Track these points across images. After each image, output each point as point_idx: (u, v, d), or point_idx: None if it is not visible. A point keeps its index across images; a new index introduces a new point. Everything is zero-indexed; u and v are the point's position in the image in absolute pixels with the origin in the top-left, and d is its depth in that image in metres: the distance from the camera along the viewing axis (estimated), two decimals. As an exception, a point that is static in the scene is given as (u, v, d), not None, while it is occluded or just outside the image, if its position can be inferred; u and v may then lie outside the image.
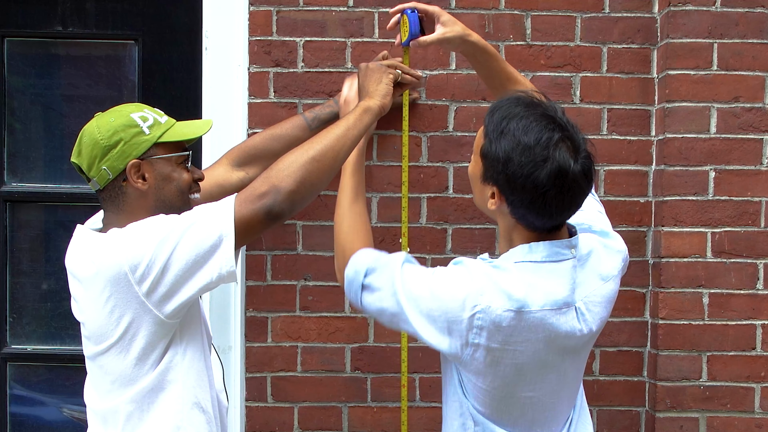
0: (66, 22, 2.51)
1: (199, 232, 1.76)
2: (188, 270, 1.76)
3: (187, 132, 1.90)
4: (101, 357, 1.83)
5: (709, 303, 2.33)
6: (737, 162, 2.33)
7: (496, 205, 1.68)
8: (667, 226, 2.33)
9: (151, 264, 1.74)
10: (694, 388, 2.33)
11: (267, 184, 1.79)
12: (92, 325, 1.83)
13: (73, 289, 1.88)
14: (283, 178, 1.80)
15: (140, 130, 1.83)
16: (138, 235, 1.76)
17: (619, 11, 2.40)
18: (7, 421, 2.61)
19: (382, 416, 2.42)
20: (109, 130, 1.82)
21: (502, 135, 1.63)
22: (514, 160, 1.60)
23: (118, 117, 1.84)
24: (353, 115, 1.97)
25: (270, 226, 1.83)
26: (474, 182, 1.75)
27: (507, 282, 1.64)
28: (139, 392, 1.82)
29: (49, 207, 2.61)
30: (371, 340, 2.42)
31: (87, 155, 1.83)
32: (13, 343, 2.60)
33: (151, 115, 1.87)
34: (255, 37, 2.40)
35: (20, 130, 2.58)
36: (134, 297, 1.76)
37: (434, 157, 2.41)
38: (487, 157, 1.65)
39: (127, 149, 1.82)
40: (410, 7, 2.12)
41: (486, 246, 2.41)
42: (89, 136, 1.84)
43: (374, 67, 2.13)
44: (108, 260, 1.76)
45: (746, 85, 2.32)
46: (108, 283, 1.76)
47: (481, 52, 2.11)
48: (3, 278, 2.58)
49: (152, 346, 1.81)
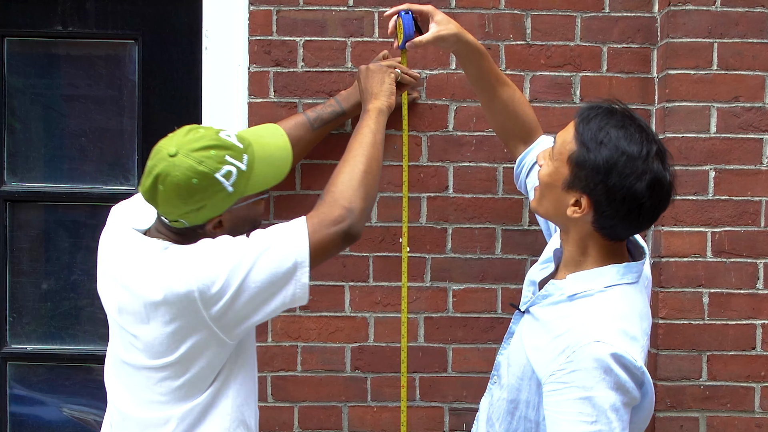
0: (66, 22, 2.51)
1: (273, 258, 1.72)
2: (261, 296, 1.73)
3: (270, 177, 1.82)
4: (153, 371, 1.78)
5: (709, 303, 2.33)
6: (737, 162, 2.33)
7: (580, 213, 1.66)
8: (667, 226, 2.32)
9: (223, 290, 1.69)
10: (694, 388, 2.33)
11: (338, 208, 1.78)
12: (148, 339, 1.77)
13: (118, 294, 1.81)
14: (351, 199, 1.79)
15: (225, 191, 1.73)
16: (209, 259, 1.71)
17: (619, 11, 2.40)
18: (7, 421, 2.61)
19: (382, 416, 2.42)
20: (190, 193, 1.71)
21: (603, 144, 1.62)
22: (617, 170, 1.61)
23: (201, 178, 1.70)
24: (371, 120, 1.98)
25: (346, 247, 1.84)
26: (549, 188, 1.72)
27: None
28: (191, 409, 1.79)
29: (49, 207, 2.61)
30: (371, 340, 2.42)
31: (164, 205, 1.74)
32: (13, 343, 2.60)
33: (234, 163, 1.74)
34: (255, 36, 2.40)
35: (20, 130, 2.58)
36: (201, 321, 1.72)
37: (434, 156, 2.41)
38: (582, 165, 1.64)
39: (209, 212, 1.75)
40: (404, 9, 2.12)
41: (486, 246, 2.41)
42: (170, 188, 1.71)
43: (375, 68, 2.13)
44: (176, 283, 1.70)
45: (746, 84, 2.32)
46: (174, 306, 1.71)
47: (473, 51, 2.10)
48: (3, 278, 2.58)
49: (212, 366, 1.78)
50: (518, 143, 2.18)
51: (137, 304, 1.76)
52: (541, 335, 1.72)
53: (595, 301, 1.69)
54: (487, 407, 1.89)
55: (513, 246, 2.41)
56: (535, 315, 1.77)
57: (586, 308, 1.69)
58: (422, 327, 2.42)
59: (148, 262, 1.76)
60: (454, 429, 2.43)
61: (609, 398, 1.59)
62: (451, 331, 2.42)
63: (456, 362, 2.42)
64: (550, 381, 1.65)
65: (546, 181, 1.73)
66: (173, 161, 1.70)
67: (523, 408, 1.76)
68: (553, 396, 1.64)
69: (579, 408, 1.59)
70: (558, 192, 1.69)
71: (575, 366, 1.61)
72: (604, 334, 1.62)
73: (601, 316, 1.66)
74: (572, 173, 1.66)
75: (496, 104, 2.15)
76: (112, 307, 1.84)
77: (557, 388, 1.63)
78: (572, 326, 1.66)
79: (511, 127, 2.17)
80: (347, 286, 2.42)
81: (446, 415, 2.43)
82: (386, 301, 2.41)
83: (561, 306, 1.73)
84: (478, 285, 2.42)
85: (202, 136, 1.74)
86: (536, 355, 1.71)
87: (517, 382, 1.76)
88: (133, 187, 2.54)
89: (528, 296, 1.87)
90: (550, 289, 1.77)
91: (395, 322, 2.40)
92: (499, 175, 2.41)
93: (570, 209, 1.68)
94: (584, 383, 1.59)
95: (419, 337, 2.42)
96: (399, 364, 2.37)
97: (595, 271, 1.71)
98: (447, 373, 2.43)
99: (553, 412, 1.64)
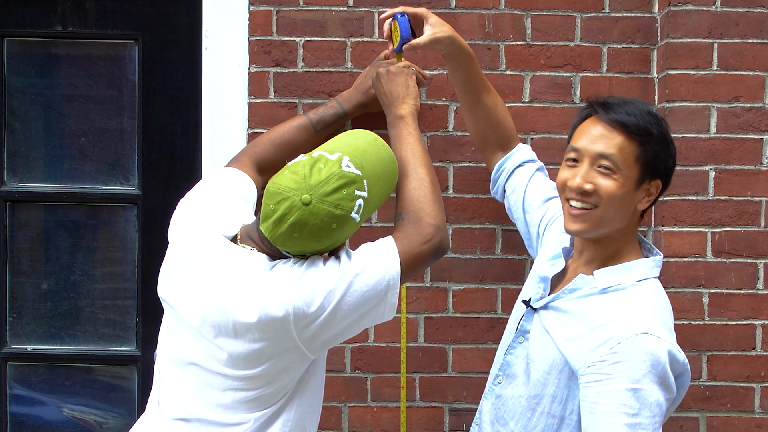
0: (66, 22, 2.51)
1: (367, 281, 1.73)
2: (352, 318, 1.74)
3: (384, 194, 1.84)
4: (231, 380, 1.77)
5: (709, 303, 2.33)
6: (737, 162, 2.33)
7: (650, 198, 1.77)
8: (667, 226, 2.32)
9: (317, 313, 1.70)
10: (694, 388, 2.33)
11: (425, 226, 1.81)
12: (233, 352, 1.74)
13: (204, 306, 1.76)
14: (433, 214, 1.84)
15: (355, 223, 1.75)
16: (306, 282, 1.71)
17: (619, 11, 2.40)
18: (7, 421, 2.61)
19: (382, 416, 2.42)
20: (329, 236, 1.71)
21: (652, 125, 1.73)
22: (669, 136, 1.78)
23: (340, 221, 1.70)
24: (412, 128, 2.03)
25: (435, 261, 1.87)
26: (622, 198, 1.73)
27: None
28: (263, 415, 1.79)
29: (49, 207, 2.61)
30: (371, 340, 2.42)
31: (296, 247, 1.73)
32: (13, 343, 2.60)
33: (361, 195, 1.73)
34: (255, 36, 2.40)
35: (20, 130, 2.58)
36: (291, 342, 1.72)
37: (434, 156, 2.41)
38: (655, 155, 1.73)
39: (336, 244, 1.77)
40: (399, 11, 2.11)
41: (486, 246, 2.41)
42: (308, 235, 1.70)
43: (396, 70, 2.13)
44: (273, 307, 1.69)
45: (746, 85, 2.32)
46: (266, 327, 1.70)
47: (464, 55, 2.10)
48: (3, 278, 2.58)
49: (292, 381, 1.79)
50: (497, 150, 2.21)
51: (226, 321, 1.74)
52: (575, 326, 1.73)
53: (631, 293, 1.72)
54: (490, 409, 1.89)
55: (513, 246, 2.41)
56: (563, 308, 1.78)
57: (624, 300, 1.71)
58: (422, 327, 2.42)
59: (247, 281, 1.73)
60: (454, 429, 2.43)
61: (654, 393, 1.60)
62: (451, 331, 2.42)
63: (456, 362, 2.42)
64: (590, 372, 1.65)
65: (619, 194, 1.72)
66: (310, 210, 1.68)
67: (547, 403, 1.76)
68: (593, 387, 1.64)
69: (622, 399, 1.60)
70: (630, 196, 1.74)
71: (621, 357, 1.62)
72: (651, 326, 1.65)
73: (642, 308, 1.69)
74: (643, 168, 1.72)
75: (480, 110, 2.17)
76: (191, 315, 1.79)
77: (599, 379, 1.63)
78: (614, 317, 1.68)
79: (492, 133, 2.19)
80: (347, 286, 2.42)
81: (446, 415, 2.43)
82: (386, 301, 2.40)
83: (593, 298, 1.74)
84: (478, 285, 2.42)
85: (330, 175, 1.70)
86: (571, 347, 1.71)
87: (543, 377, 1.76)
88: (133, 187, 2.54)
89: (539, 293, 1.87)
90: (578, 283, 1.78)
91: (395, 322, 2.40)
92: (499, 175, 2.41)
93: (642, 202, 1.75)
94: (630, 375, 1.60)
95: (419, 337, 2.42)
96: (399, 365, 2.37)
97: (625, 265, 1.76)
98: (447, 373, 2.43)
99: (592, 403, 1.64)
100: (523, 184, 2.16)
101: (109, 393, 2.62)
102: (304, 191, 1.68)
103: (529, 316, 1.86)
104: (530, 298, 1.88)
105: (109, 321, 2.59)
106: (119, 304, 2.59)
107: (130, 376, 2.59)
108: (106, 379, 2.63)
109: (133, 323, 2.57)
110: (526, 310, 1.86)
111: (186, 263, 1.82)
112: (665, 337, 1.64)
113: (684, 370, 1.68)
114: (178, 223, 1.90)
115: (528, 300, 1.87)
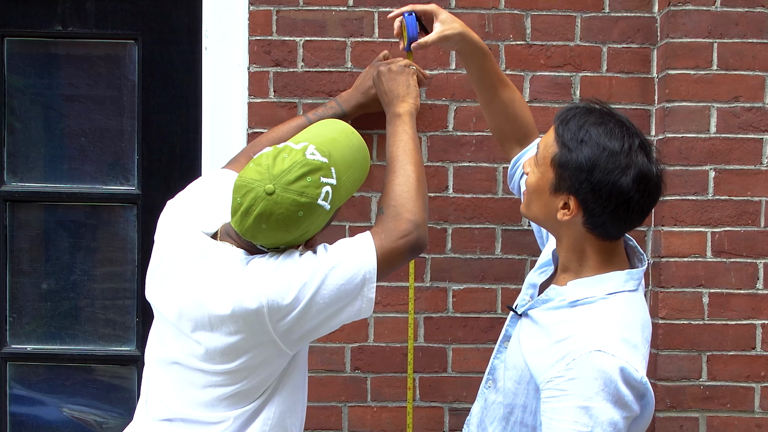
0: (66, 22, 2.51)
1: (342, 274, 1.72)
2: (328, 311, 1.74)
3: (357, 180, 1.83)
4: (210, 375, 1.78)
5: (709, 303, 2.33)
6: (737, 162, 2.33)
7: (569, 215, 1.66)
8: (667, 226, 2.33)
9: (292, 306, 1.70)
10: (694, 388, 2.33)
11: (404, 221, 1.79)
12: (209, 346, 1.76)
13: (181, 300, 1.78)
14: (413, 210, 1.81)
15: (324, 211, 1.74)
16: (281, 275, 1.71)
17: (619, 11, 2.40)
18: (7, 421, 2.61)
19: (382, 416, 2.42)
20: (297, 225, 1.71)
21: (583, 143, 1.62)
22: (599, 167, 1.61)
23: (306, 209, 1.70)
24: (407, 126, 2.00)
25: (413, 258, 1.86)
26: (537, 194, 1.72)
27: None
28: (243, 413, 1.79)
29: (49, 207, 2.61)
30: (371, 340, 2.43)
31: (266, 239, 1.73)
32: (13, 343, 2.60)
33: (328, 182, 1.73)
34: (255, 36, 2.40)
35: (20, 130, 2.58)
36: (266, 335, 1.72)
37: (434, 156, 2.41)
38: (565, 166, 1.64)
39: (310, 234, 1.76)
40: (407, 10, 2.10)
41: (486, 246, 2.41)
42: (274, 225, 1.70)
43: (397, 69, 2.12)
44: (247, 299, 1.70)
45: (746, 84, 2.32)
46: (240, 319, 1.71)
47: (477, 51, 2.09)
48: (3, 278, 2.58)
49: (269, 377, 1.79)
50: (514, 145, 2.18)
51: (202, 314, 1.75)
52: (541, 339, 1.72)
53: (597, 308, 1.68)
54: (479, 411, 1.88)
55: (513, 246, 2.41)
56: (535, 318, 1.76)
57: (588, 315, 1.68)
58: (422, 327, 2.42)
59: (223, 275, 1.74)
60: (454, 429, 2.43)
61: (607, 412, 1.58)
62: (451, 331, 2.42)
63: (456, 362, 2.42)
64: (548, 387, 1.64)
65: (533, 187, 1.73)
66: (274, 199, 1.68)
67: (519, 413, 1.75)
68: (550, 402, 1.63)
69: (575, 417, 1.58)
70: (546, 197, 1.70)
71: (575, 374, 1.60)
72: (606, 343, 1.61)
73: (603, 323, 1.65)
74: (557, 175, 1.66)
75: (496, 105, 2.15)
76: (170, 311, 1.81)
77: (555, 395, 1.62)
78: (574, 332, 1.65)
79: (509, 128, 2.17)
80: (347, 286, 2.42)
81: (446, 415, 2.43)
82: (386, 302, 2.41)
83: (562, 311, 1.72)
84: (478, 285, 2.42)
85: (293, 163, 1.70)
86: (535, 360, 1.70)
87: (514, 386, 1.75)
88: (133, 187, 2.54)
89: (526, 299, 1.86)
90: (550, 294, 1.76)
91: (395, 322, 2.40)
92: (498, 175, 2.41)
93: (560, 213, 1.68)
94: (583, 392, 1.58)
95: (419, 337, 2.42)
96: (399, 364, 2.37)
97: (597, 277, 1.71)
98: (447, 373, 2.43)
99: (549, 419, 1.63)
100: None
101: (109, 393, 2.62)
102: (267, 181, 1.69)
103: (513, 321, 1.85)
104: (516, 304, 1.87)
105: (109, 321, 2.59)
106: (119, 304, 2.59)
107: (129, 376, 2.60)
108: (105, 379, 2.63)
109: (132, 323, 2.57)
110: (512, 315, 1.86)
111: (169, 264, 1.83)
112: (620, 355, 1.60)
113: (645, 389, 1.64)
114: (163, 225, 1.92)
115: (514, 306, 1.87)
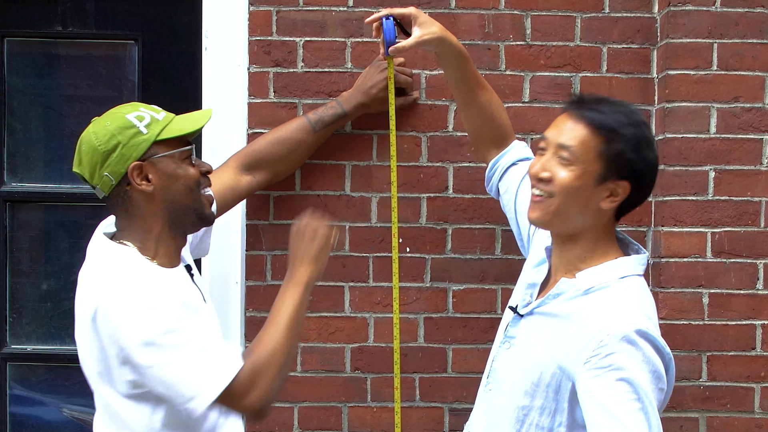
0: (66, 22, 2.51)
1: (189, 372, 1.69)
2: (162, 390, 1.72)
3: (186, 126, 1.84)
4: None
5: (709, 303, 2.33)
6: (737, 162, 2.33)
7: (617, 200, 1.74)
8: (667, 226, 2.33)
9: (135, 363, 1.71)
10: (694, 388, 2.33)
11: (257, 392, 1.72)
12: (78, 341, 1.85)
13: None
14: (269, 385, 1.73)
15: (137, 130, 1.78)
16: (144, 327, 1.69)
17: (619, 11, 2.40)
18: (7, 421, 2.61)
19: (382, 416, 2.42)
20: (105, 135, 1.77)
21: (625, 125, 1.72)
22: (646, 141, 1.73)
23: (113, 120, 1.79)
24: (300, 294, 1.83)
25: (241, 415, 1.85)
26: (577, 191, 1.72)
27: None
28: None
29: (49, 207, 2.61)
30: (371, 340, 2.43)
31: (87, 163, 1.79)
32: (13, 343, 2.60)
33: (148, 113, 1.81)
34: (255, 37, 2.40)
35: (20, 130, 2.58)
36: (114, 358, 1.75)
37: (434, 157, 2.41)
38: (618, 153, 1.70)
39: (126, 152, 1.77)
40: (385, 14, 2.07)
41: (486, 246, 2.41)
42: (87, 143, 1.79)
43: (303, 229, 1.91)
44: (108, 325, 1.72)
45: (746, 85, 2.32)
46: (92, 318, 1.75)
47: (456, 54, 2.08)
48: (3, 278, 2.58)
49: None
50: (491, 147, 2.19)
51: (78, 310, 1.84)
52: (564, 328, 1.73)
53: (615, 290, 1.72)
54: (482, 416, 1.87)
55: (513, 246, 2.40)
56: (551, 312, 1.77)
57: (608, 296, 1.71)
58: (422, 327, 2.42)
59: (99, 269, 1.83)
60: (454, 429, 2.43)
61: (647, 381, 1.62)
62: (451, 331, 2.42)
63: (456, 362, 2.42)
64: (587, 369, 1.65)
65: (574, 185, 1.72)
66: (89, 128, 1.82)
67: (536, 415, 1.75)
68: (594, 381, 1.64)
69: (623, 388, 1.61)
70: (589, 191, 1.72)
71: (610, 349, 1.62)
72: (635, 317, 1.66)
73: (626, 301, 1.70)
74: (606, 165, 1.70)
75: (474, 107, 2.15)
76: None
77: (597, 374, 1.63)
78: (601, 313, 1.68)
79: (486, 131, 2.18)
80: (347, 286, 2.42)
81: (446, 415, 2.43)
82: (386, 302, 2.41)
83: (578, 300, 1.73)
84: (478, 285, 2.42)
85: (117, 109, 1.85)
86: (562, 350, 1.71)
87: (531, 388, 1.75)
88: (133, 187, 2.54)
89: (527, 299, 1.86)
90: (562, 287, 1.77)
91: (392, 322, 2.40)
92: (499, 176, 2.41)
93: (605, 201, 1.73)
94: (620, 364, 1.62)
95: (419, 337, 2.42)
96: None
97: (607, 264, 1.75)
98: (447, 373, 2.43)
99: (593, 398, 1.63)
100: (516, 183, 2.13)
101: (109, 393, 2.62)
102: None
103: (515, 322, 1.85)
104: (517, 305, 1.87)
105: (109, 321, 2.59)
106: (119, 304, 2.59)
107: (130, 376, 2.60)
108: (106, 379, 2.63)
109: (133, 323, 2.57)
110: (513, 316, 1.86)
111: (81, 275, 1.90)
112: (649, 329, 1.65)
113: (670, 363, 1.70)
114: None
115: (515, 306, 1.87)
